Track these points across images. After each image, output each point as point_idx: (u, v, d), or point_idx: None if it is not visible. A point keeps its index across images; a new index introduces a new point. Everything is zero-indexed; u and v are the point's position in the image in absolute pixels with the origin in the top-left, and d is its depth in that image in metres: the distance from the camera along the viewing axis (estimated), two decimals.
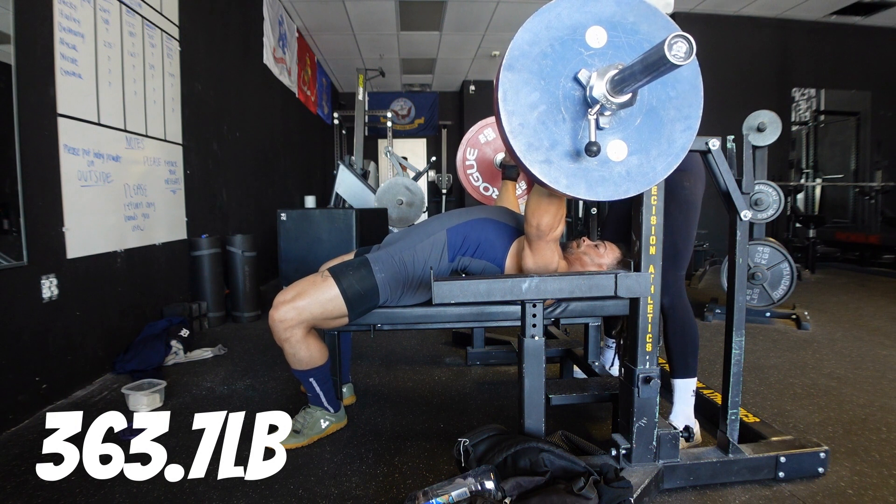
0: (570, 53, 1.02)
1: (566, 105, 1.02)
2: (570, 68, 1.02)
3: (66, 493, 1.31)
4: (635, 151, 1.06)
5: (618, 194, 1.07)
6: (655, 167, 1.08)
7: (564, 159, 1.03)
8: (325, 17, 5.63)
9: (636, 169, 1.07)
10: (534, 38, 1.01)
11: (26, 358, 1.80)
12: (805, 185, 6.31)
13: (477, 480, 1.08)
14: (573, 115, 1.03)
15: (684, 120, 1.08)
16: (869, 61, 6.11)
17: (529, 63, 1.00)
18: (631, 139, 1.06)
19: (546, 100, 1.02)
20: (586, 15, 1.02)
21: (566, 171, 1.03)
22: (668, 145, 1.08)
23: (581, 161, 1.03)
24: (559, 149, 1.03)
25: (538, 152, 1.02)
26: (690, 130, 1.09)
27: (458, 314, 1.60)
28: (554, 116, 1.02)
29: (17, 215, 1.77)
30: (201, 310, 2.98)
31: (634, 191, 1.08)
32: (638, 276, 1.22)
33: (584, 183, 1.04)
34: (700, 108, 1.09)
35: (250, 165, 4.33)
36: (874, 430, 1.64)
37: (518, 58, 1.00)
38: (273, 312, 1.48)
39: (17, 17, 1.76)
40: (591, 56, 1.02)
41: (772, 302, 3.06)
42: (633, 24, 1.03)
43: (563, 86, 1.02)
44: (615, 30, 1.03)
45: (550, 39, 1.01)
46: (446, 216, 1.68)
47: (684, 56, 0.81)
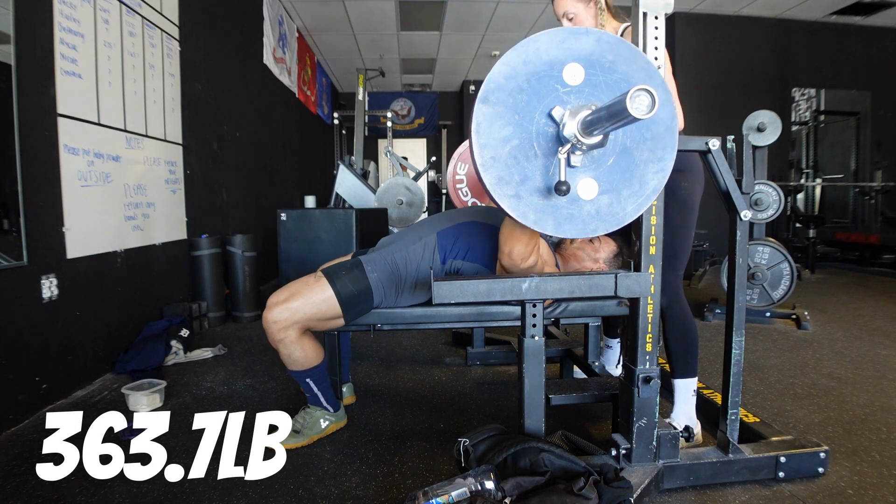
0: (545, 89, 1.01)
1: (539, 141, 1.03)
2: (546, 104, 1.02)
3: (66, 493, 1.31)
4: (606, 191, 1.06)
5: (585, 233, 1.08)
6: (625, 208, 1.08)
7: (534, 195, 1.03)
8: (325, 17, 5.63)
9: (606, 209, 1.07)
10: (511, 72, 1.01)
11: (26, 358, 1.80)
12: (805, 185, 6.31)
13: (477, 480, 1.09)
14: (545, 151, 1.03)
15: (657, 162, 1.08)
16: (869, 61, 6.11)
17: (504, 97, 1.01)
18: (602, 178, 1.06)
19: (519, 135, 1.02)
20: (565, 52, 1.01)
21: (535, 207, 1.04)
22: (640, 186, 1.07)
23: (551, 198, 1.03)
24: (529, 184, 1.03)
25: (508, 186, 1.02)
26: (663, 173, 1.08)
27: (458, 314, 1.60)
28: (526, 152, 1.02)
29: (17, 215, 1.77)
30: (201, 310, 2.98)
31: (602, 230, 1.08)
32: (638, 276, 1.22)
33: (553, 220, 1.05)
34: (674, 150, 1.08)
35: (250, 165, 4.33)
36: (874, 430, 1.64)
37: (493, 91, 1.00)
38: (266, 314, 1.48)
39: (17, 17, 1.76)
40: (567, 93, 1.02)
41: (772, 302, 3.06)
42: (611, 63, 1.03)
43: (537, 121, 1.02)
44: (593, 68, 1.03)
45: (527, 74, 1.01)
46: (437, 219, 1.69)
47: (645, 110, 0.81)
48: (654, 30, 1.19)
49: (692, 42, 5.65)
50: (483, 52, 7.08)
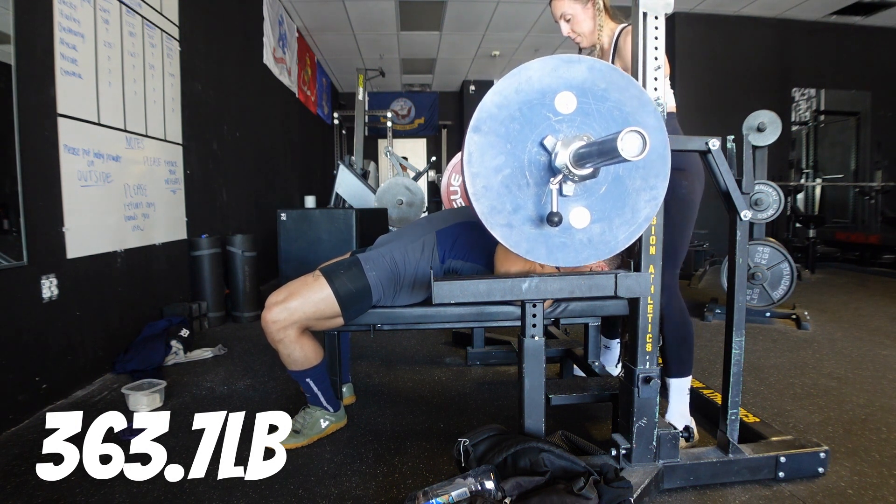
0: (537, 118, 1.01)
1: (531, 170, 1.03)
2: (538, 133, 1.02)
3: (66, 493, 1.31)
4: (598, 220, 1.06)
5: (578, 261, 1.08)
6: (617, 236, 1.08)
7: (526, 224, 1.04)
8: (325, 17, 5.63)
9: (598, 237, 1.07)
10: (503, 101, 1.01)
11: (26, 358, 1.80)
12: (805, 185, 6.31)
13: (477, 480, 1.09)
14: (537, 180, 1.03)
15: (650, 190, 1.08)
16: (869, 61, 6.11)
17: (496, 126, 1.01)
18: (595, 207, 1.06)
19: (511, 164, 1.02)
20: (557, 80, 1.02)
21: (527, 236, 1.04)
22: (632, 215, 1.08)
23: (543, 227, 1.03)
24: (522, 213, 1.03)
25: (500, 216, 1.03)
26: (655, 201, 1.09)
27: (458, 314, 1.60)
28: (518, 181, 1.02)
29: (17, 215, 1.77)
30: (201, 310, 2.98)
31: (594, 259, 1.09)
32: (638, 276, 1.22)
33: (545, 248, 1.05)
34: (667, 179, 1.08)
35: (250, 165, 4.33)
36: (874, 430, 1.64)
37: (485, 120, 1.00)
38: (265, 314, 1.48)
39: (17, 17, 1.76)
40: (560, 122, 1.02)
41: (772, 302, 3.06)
42: (603, 91, 1.03)
43: (529, 150, 1.02)
44: (585, 96, 1.02)
45: (519, 103, 1.01)
46: (436, 218, 1.68)
47: (636, 152, 0.81)
48: (654, 30, 1.19)
49: (692, 42, 5.65)
50: (483, 52, 7.08)
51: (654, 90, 1.20)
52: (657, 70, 1.19)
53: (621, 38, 1.60)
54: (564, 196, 1.03)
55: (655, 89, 1.20)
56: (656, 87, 1.20)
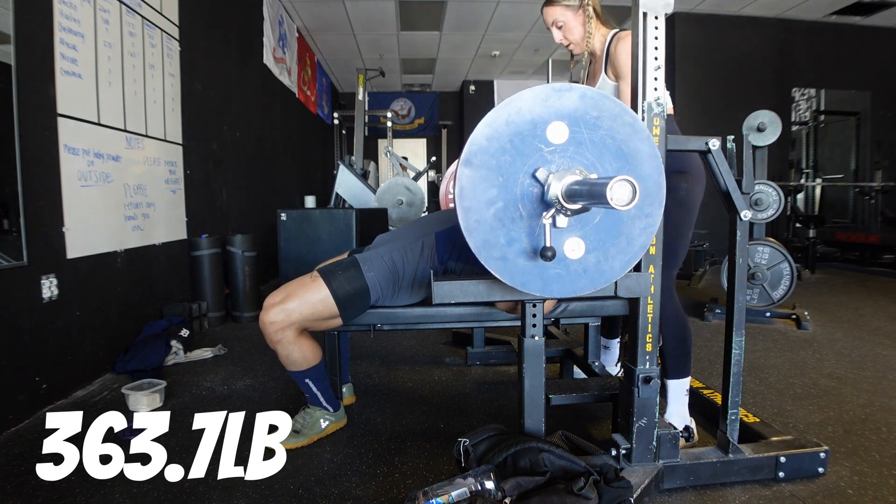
0: (529, 149, 1.00)
1: (524, 202, 1.02)
2: (530, 165, 1.01)
3: (66, 493, 1.31)
4: (593, 249, 1.06)
5: (574, 292, 1.08)
6: (613, 266, 1.07)
7: (520, 257, 1.03)
8: (325, 17, 5.63)
9: (593, 267, 1.06)
10: (493, 133, 1.00)
11: (26, 358, 1.80)
12: (805, 185, 6.31)
13: (477, 480, 1.08)
14: (531, 212, 1.02)
15: (644, 218, 1.07)
16: (869, 61, 6.11)
17: (488, 159, 1.00)
18: (589, 237, 1.05)
19: (504, 197, 1.01)
20: (548, 110, 1.00)
21: (522, 269, 1.04)
22: (627, 244, 1.07)
23: (537, 259, 1.03)
24: (515, 246, 1.03)
25: (494, 249, 1.02)
26: (651, 228, 1.08)
27: (458, 314, 1.60)
28: (511, 214, 1.02)
29: (17, 215, 1.77)
30: (201, 310, 2.98)
31: (590, 289, 1.08)
32: (638, 276, 1.22)
33: (540, 281, 1.05)
34: (662, 206, 1.07)
35: (250, 165, 4.33)
36: (874, 430, 1.64)
37: (476, 153, 1.00)
38: (263, 315, 1.48)
39: (17, 17, 1.76)
40: (552, 152, 1.01)
41: (772, 302, 3.06)
42: (595, 120, 1.02)
43: (521, 182, 1.01)
44: (577, 125, 1.01)
45: (510, 135, 1.00)
46: (435, 218, 1.68)
47: (626, 201, 0.80)
48: (654, 30, 1.18)
49: (692, 42, 5.65)
50: (483, 52, 7.08)
51: (654, 90, 1.20)
52: (657, 70, 1.19)
53: (613, 45, 1.59)
54: (558, 228, 1.02)
55: (655, 89, 1.20)
56: (656, 87, 1.20)
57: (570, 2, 1.64)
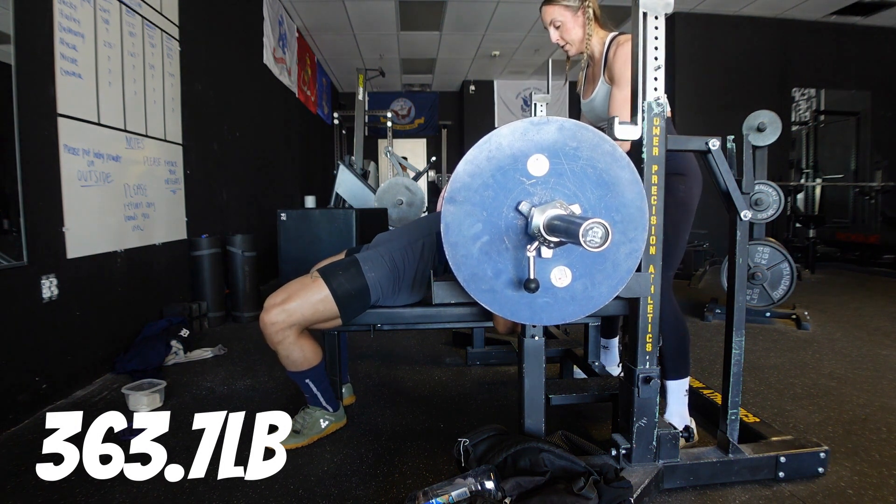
0: (511, 183, 1.02)
1: (509, 234, 1.04)
2: (513, 198, 1.03)
3: (66, 493, 1.31)
4: (580, 277, 1.07)
5: (563, 319, 1.09)
6: (601, 291, 1.09)
7: (508, 288, 1.05)
8: (325, 17, 5.63)
9: (581, 294, 1.08)
10: (475, 170, 1.01)
11: (26, 358, 1.80)
12: (805, 185, 6.31)
13: (477, 480, 1.09)
14: (516, 243, 1.04)
15: (629, 243, 1.08)
16: (869, 61, 6.11)
17: (471, 195, 1.02)
18: (575, 265, 1.07)
19: (489, 230, 1.03)
20: (528, 143, 1.02)
21: (510, 300, 1.06)
22: (613, 269, 1.08)
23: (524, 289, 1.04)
24: (503, 278, 1.04)
25: (482, 282, 1.04)
26: (635, 254, 1.09)
27: (458, 314, 1.60)
28: (497, 247, 1.03)
29: (17, 215, 1.77)
30: (201, 310, 2.98)
31: (579, 315, 1.09)
32: (638, 276, 1.21)
33: (529, 310, 1.07)
34: (645, 230, 1.09)
35: (250, 165, 4.33)
36: (874, 430, 1.64)
37: (459, 190, 1.02)
38: (264, 316, 1.48)
39: (17, 17, 1.76)
40: (533, 185, 1.03)
41: (772, 302, 3.06)
42: (574, 150, 1.03)
43: (505, 216, 1.03)
44: (556, 157, 1.03)
45: (492, 170, 1.02)
46: (436, 218, 1.67)
47: (598, 243, 0.82)
48: (654, 30, 1.18)
49: (692, 42, 5.65)
50: (483, 52, 7.08)
51: (654, 90, 1.20)
52: (657, 70, 1.19)
53: (612, 50, 1.58)
54: (543, 258, 1.04)
55: (655, 89, 1.20)
56: (656, 87, 1.20)
57: (569, 2, 1.63)
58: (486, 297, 1.05)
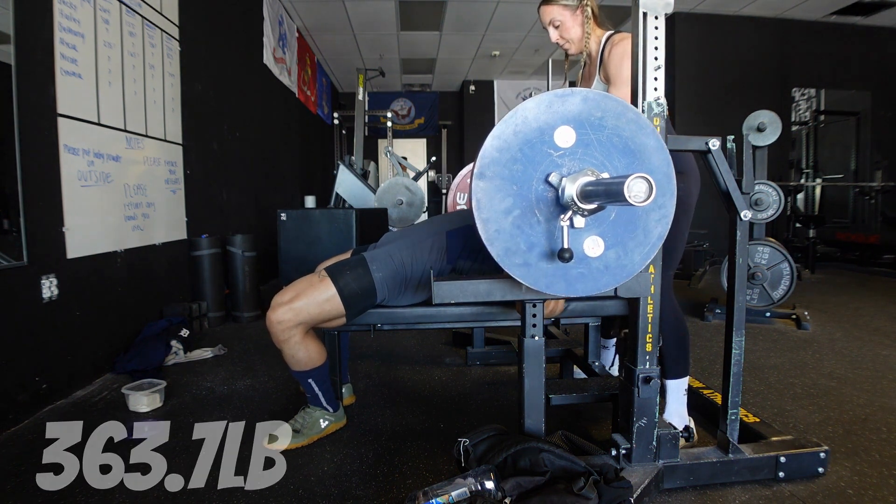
0: (539, 156, 1.03)
1: (540, 207, 1.04)
2: (542, 170, 1.03)
3: (66, 493, 1.31)
4: (612, 245, 1.08)
5: (597, 289, 1.09)
6: (633, 259, 1.09)
7: (542, 260, 1.05)
8: (325, 17, 5.63)
9: (614, 263, 1.08)
10: (503, 145, 1.02)
11: (26, 358, 1.80)
12: (805, 185, 6.31)
13: (477, 480, 1.08)
14: (547, 216, 1.04)
15: (658, 209, 1.09)
16: (869, 61, 6.11)
17: (500, 169, 1.02)
18: (607, 234, 1.07)
19: (520, 204, 1.03)
20: (553, 115, 1.03)
21: (545, 272, 1.06)
22: (644, 236, 1.09)
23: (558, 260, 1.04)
24: (536, 251, 1.05)
25: (516, 256, 1.04)
26: (666, 219, 1.10)
27: (458, 314, 1.60)
28: (529, 220, 1.04)
29: (17, 215, 1.77)
30: (201, 310, 2.98)
31: (613, 284, 1.10)
32: (638, 276, 1.21)
33: (564, 282, 1.07)
34: (674, 195, 1.09)
35: (250, 165, 4.33)
36: (874, 430, 1.64)
37: (488, 165, 1.02)
38: (271, 314, 1.48)
39: (17, 17, 1.76)
40: (561, 156, 1.03)
41: (772, 302, 3.06)
42: (599, 120, 1.04)
43: (535, 188, 1.03)
44: (583, 127, 1.03)
45: (519, 144, 1.02)
46: (447, 218, 1.68)
47: (643, 198, 0.82)
48: (654, 30, 1.19)
49: (692, 42, 5.65)
50: (483, 52, 7.08)
51: (654, 90, 1.20)
52: (657, 70, 1.19)
53: (607, 49, 1.59)
54: (576, 228, 1.04)
55: (655, 89, 1.20)
56: (656, 87, 1.20)
57: (568, 1, 1.64)
58: (521, 272, 1.05)
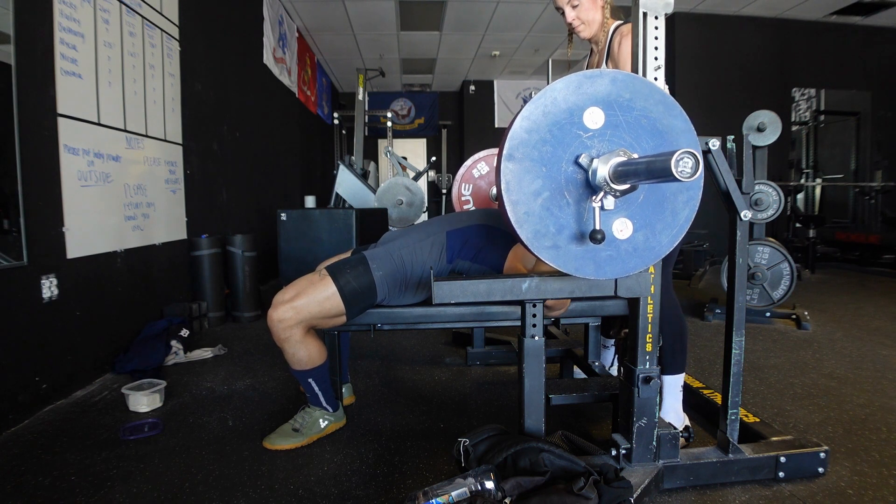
0: (568, 137, 1.02)
1: (569, 189, 1.04)
2: (571, 152, 1.03)
3: (67, 493, 1.31)
4: (640, 227, 1.08)
5: (626, 271, 1.09)
6: (661, 241, 1.10)
7: (571, 243, 1.05)
8: (325, 17, 5.63)
9: (642, 245, 1.09)
10: (532, 126, 1.02)
11: (26, 358, 1.80)
12: (805, 185, 6.31)
13: (477, 480, 1.08)
14: (576, 198, 1.04)
15: (686, 191, 1.09)
16: (869, 61, 6.11)
17: (529, 151, 1.02)
18: (635, 216, 1.07)
19: (549, 186, 1.03)
20: (582, 97, 1.02)
21: (574, 255, 1.06)
22: (673, 218, 1.09)
23: (587, 243, 1.05)
24: (566, 233, 1.05)
25: (545, 238, 1.04)
26: (693, 201, 1.10)
27: (458, 314, 1.60)
28: (558, 202, 1.04)
29: (17, 215, 1.77)
30: (201, 310, 2.98)
31: (641, 266, 1.10)
32: (638, 276, 1.22)
33: (593, 264, 1.07)
34: (702, 178, 1.09)
35: (250, 165, 4.33)
36: (874, 430, 1.64)
37: (518, 147, 1.01)
38: (272, 312, 1.49)
39: (17, 17, 1.76)
40: (591, 138, 1.03)
41: (772, 302, 3.06)
42: (628, 101, 1.04)
43: (564, 170, 1.03)
44: (611, 109, 1.03)
45: (549, 125, 1.02)
46: (446, 219, 1.68)
47: (690, 173, 0.82)
48: (654, 30, 1.19)
49: (692, 42, 5.65)
50: (483, 52, 7.08)
51: None
52: (657, 70, 1.19)
53: (616, 41, 1.59)
54: (605, 211, 1.04)
55: None
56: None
57: None
58: (550, 254, 1.04)
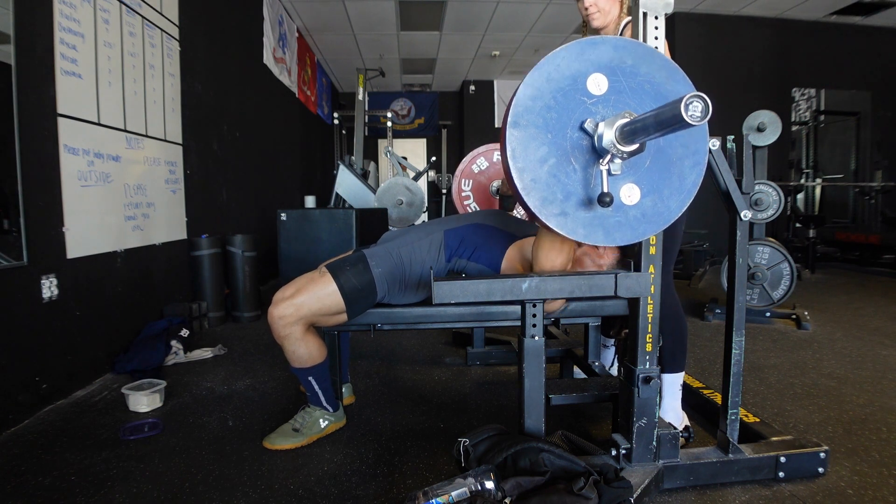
0: (573, 104, 1.02)
1: (575, 155, 1.04)
2: (576, 118, 1.03)
3: (67, 493, 1.31)
4: (648, 193, 1.08)
5: (635, 237, 1.09)
6: (669, 206, 1.09)
7: (580, 209, 1.04)
8: (325, 17, 5.63)
9: (651, 210, 1.08)
10: (536, 93, 1.01)
11: (26, 358, 1.80)
12: (805, 185, 6.31)
13: (477, 480, 1.08)
14: (583, 164, 1.04)
15: (692, 156, 1.09)
16: (869, 61, 6.11)
17: (534, 118, 1.01)
18: (643, 181, 1.07)
19: (555, 152, 1.03)
20: (585, 63, 1.02)
21: (582, 221, 1.05)
22: (680, 182, 1.09)
23: (595, 209, 1.04)
24: (573, 199, 1.04)
25: (553, 205, 1.03)
26: (700, 166, 1.10)
27: (458, 314, 1.60)
28: (564, 168, 1.03)
29: (17, 215, 1.77)
30: (201, 310, 2.98)
31: (651, 232, 1.09)
32: (638, 276, 1.22)
33: (602, 230, 1.06)
34: (707, 140, 1.10)
35: (250, 165, 4.33)
36: (874, 430, 1.64)
37: (522, 114, 1.01)
38: (272, 309, 1.49)
39: (17, 17, 1.76)
40: (595, 104, 1.03)
41: (772, 302, 3.06)
42: (632, 67, 1.04)
43: (570, 136, 1.03)
44: (615, 74, 1.04)
45: (552, 91, 1.02)
46: (444, 219, 1.71)
47: (700, 116, 0.81)
48: (654, 30, 1.19)
49: (692, 42, 5.65)
50: (483, 52, 7.08)
51: None
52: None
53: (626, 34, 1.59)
54: (613, 175, 1.04)
55: None
56: None
57: None
58: (558, 221, 1.04)
